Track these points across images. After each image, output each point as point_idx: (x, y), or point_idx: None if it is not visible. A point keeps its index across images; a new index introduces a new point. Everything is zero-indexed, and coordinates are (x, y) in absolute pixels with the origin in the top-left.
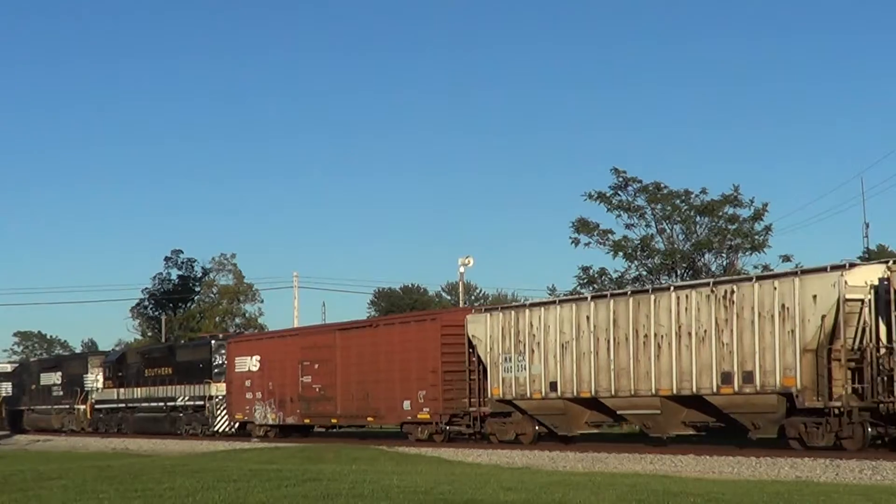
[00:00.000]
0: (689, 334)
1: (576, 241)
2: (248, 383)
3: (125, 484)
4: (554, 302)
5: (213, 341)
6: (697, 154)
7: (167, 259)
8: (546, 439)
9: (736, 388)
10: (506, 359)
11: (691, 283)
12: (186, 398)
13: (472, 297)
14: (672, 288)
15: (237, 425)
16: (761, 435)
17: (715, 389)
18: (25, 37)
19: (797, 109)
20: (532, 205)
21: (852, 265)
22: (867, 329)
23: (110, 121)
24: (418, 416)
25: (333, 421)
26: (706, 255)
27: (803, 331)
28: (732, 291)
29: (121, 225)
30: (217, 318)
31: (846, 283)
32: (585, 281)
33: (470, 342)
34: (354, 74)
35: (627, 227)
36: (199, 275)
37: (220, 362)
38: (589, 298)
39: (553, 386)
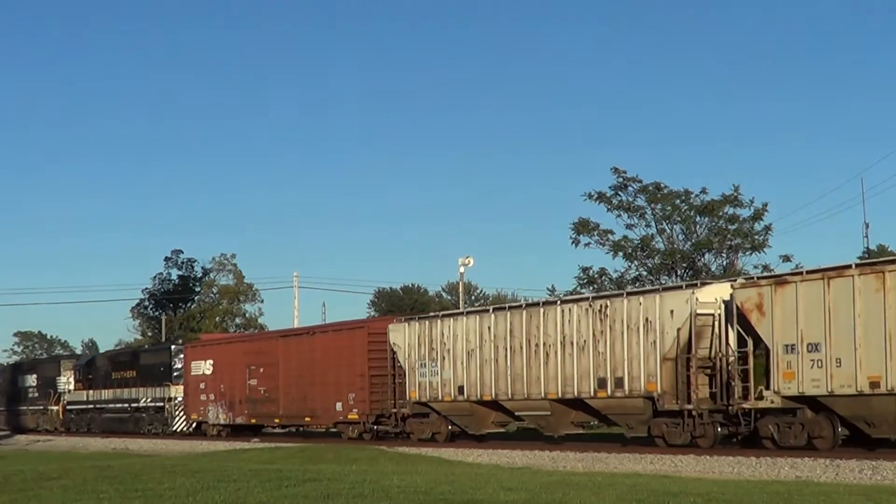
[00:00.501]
0: (572, 344)
1: (576, 242)
2: (202, 386)
3: (125, 484)
4: (462, 313)
5: (172, 347)
6: (697, 154)
7: (167, 259)
8: (461, 437)
9: (609, 392)
10: (421, 364)
11: (575, 297)
12: (148, 400)
13: (472, 297)
14: (559, 302)
15: (194, 425)
16: (634, 434)
17: (593, 393)
18: (25, 38)
19: (797, 109)
20: (532, 205)
21: (704, 283)
22: (718, 340)
23: (110, 121)
24: (349, 416)
25: (276, 421)
26: (706, 255)
27: (663, 342)
28: (606, 306)
29: (121, 225)
30: (217, 318)
31: (697, 299)
32: (585, 281)
33: (392, 349)
34: (354, 74)
35: (627, 227)
36: (199, 275)
37: (179, 366)
38: (491, 310)
39: (461, 390)
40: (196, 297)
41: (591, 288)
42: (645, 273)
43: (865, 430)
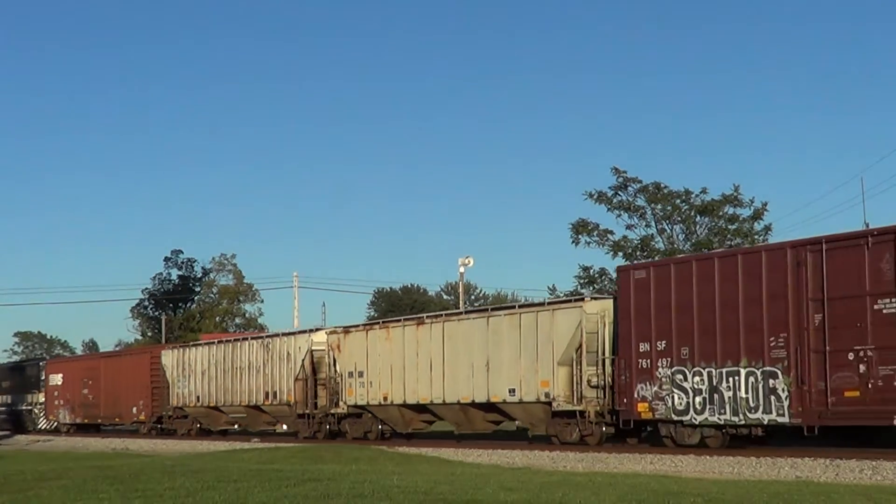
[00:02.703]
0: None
1: (576, 241)
2: (56, 394)
3: (125, 484)
4: (200, 344)
5: (40, 363)
6: (697, 154)
7: (167, 259)
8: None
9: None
10: (179, 379)
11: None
12: (24, 404)
13: (472, 297)
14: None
15: (54, 424)
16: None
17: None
18: (26, 41)
19: (797, 109)
20: (532, 205)
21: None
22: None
23: (110, 120)
24: (140, 417)
25: (99, 420)
26: None
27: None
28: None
29: (121, 225)
30: (217, 318)
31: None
32: (586, 281)
33: (163, 368)
34: (355, 74)
35: (627, 227)
36: (199, 275)
37: (44, 378)
38: (216, 343)
39: (199, 399)
40: (196, 298)
41: (591, 288)
42: None
43: (391, 427)
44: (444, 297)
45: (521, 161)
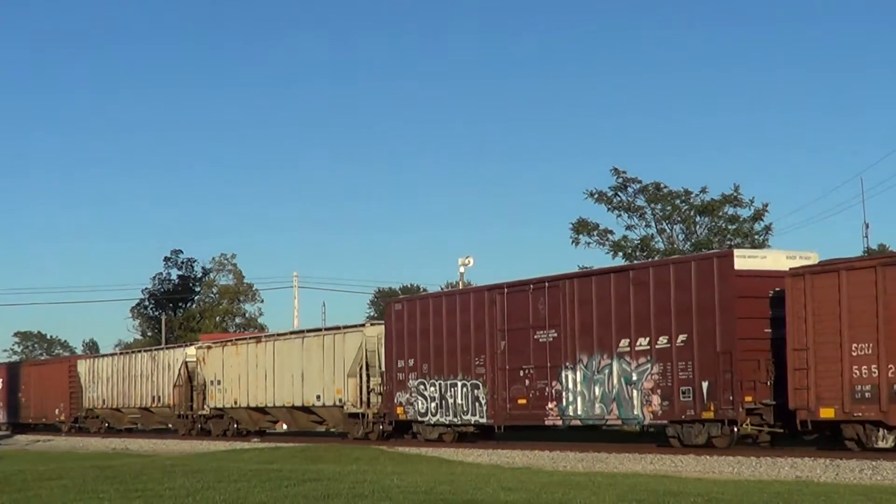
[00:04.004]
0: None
1: (576, 242)
2: None
3: (125, 484)
4: (107, 355)
5: None
6: (697, 154)
7: (167, 259)
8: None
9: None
10: (88, 385)
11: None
12: None
13: None
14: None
15: None
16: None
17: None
18: (25, 40)
19: (797, 109)
20: (532, 205)
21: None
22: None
23: (110, 120)
24: (61, 417)
25: (30, 420)
26: None
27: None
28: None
29: (121, 225)
30: (217, 318)
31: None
32: None
33: (78, 376)
34: (355, 74)
35: (627, 227)
36: (199, 275)
37: None
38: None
39: (104, 402)
40: (196, 297)
41: None
42: None
43: (245, 426)
44: None
45: (521, 161)
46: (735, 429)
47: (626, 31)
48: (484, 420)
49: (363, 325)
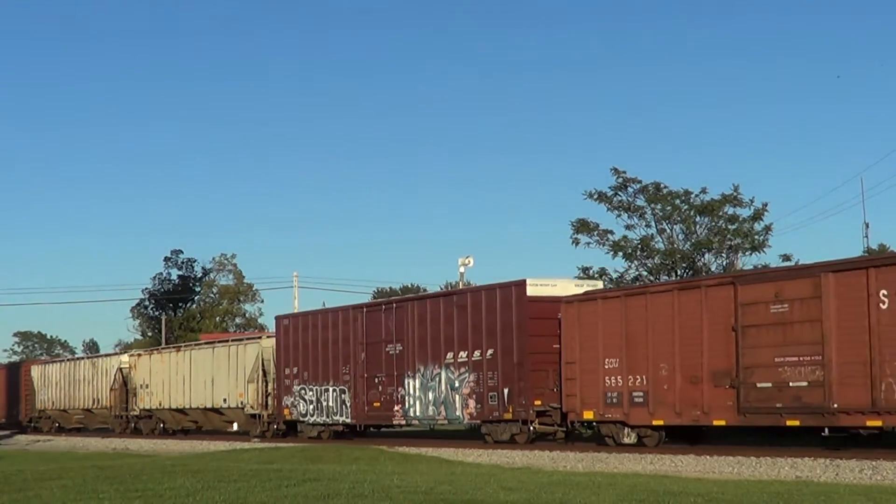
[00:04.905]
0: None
1: (576, 242)
2: None
3: (125, 484)
4: (57, 361)
5: None
6: (697, 154)
7: (167, 259)
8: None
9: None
10: (40, 389)
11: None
12: None
13: None
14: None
15: None
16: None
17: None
18: (24, 38)
19: (797, 109)
20: (532, 205)
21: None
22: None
23: (110, 120)
24: (19, 417)
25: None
26: (706, 255)
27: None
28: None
29: (121, 225)
30: (217, 318)
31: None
32: None
33: (32, 380)
34: (355, 74)
35: (627, 227)
36: (200, 275)
37: None
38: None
39: (54, 403)
40: (196, 297)
41: None
42: (645, 273)
43: (171, 426)
44: None
45: (521, 160)
46: (531, 427)
47: (627, 31)
48: (349, 420)
49: (260, 337)
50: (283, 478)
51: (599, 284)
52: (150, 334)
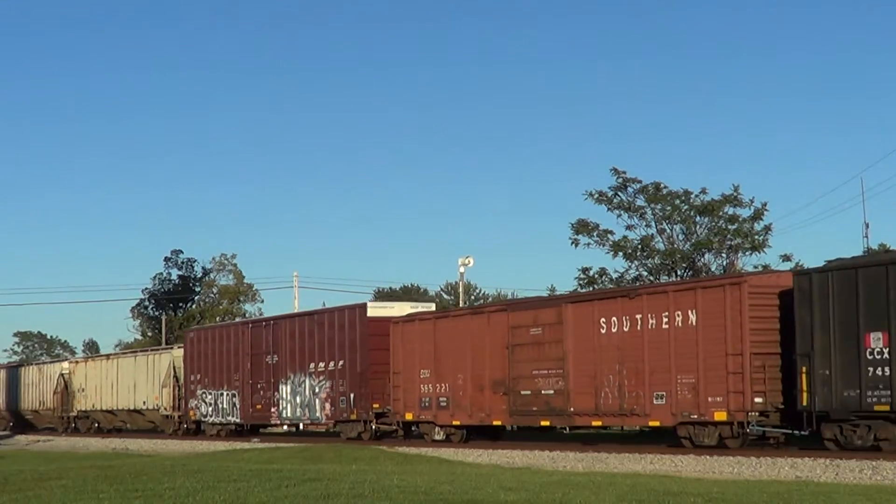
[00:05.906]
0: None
1: (576, 242)
2: None
3: (125, 484)
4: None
5: None
6: (697, 154)
7: (167, 259)
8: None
9: (149, 406)
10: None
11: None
12: None
13: (472, 297)
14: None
15: None
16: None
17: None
18: (24, 34)
19: (797, 108)
20: (532, 205)
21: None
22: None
23: (110, 119)
24: None
25: None
26: (706, 255)
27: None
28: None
29: (121, 225)
30: (217, 318)
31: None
32: (585, 282)
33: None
34: (355, 73)
35: (627, 227)
36: (200, 275)
37: None
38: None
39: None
40: (196, 297)
41: (591, 288)
42: (645, 273)
43: (105, 425)
44: (445, 296)
45: (521, 160)
46: (372, 427)
47: (627, 31)
48: (239, 420)
49: (172, 348)
50: (283, 478)
51: (433, 307)
52: (150, 334)
